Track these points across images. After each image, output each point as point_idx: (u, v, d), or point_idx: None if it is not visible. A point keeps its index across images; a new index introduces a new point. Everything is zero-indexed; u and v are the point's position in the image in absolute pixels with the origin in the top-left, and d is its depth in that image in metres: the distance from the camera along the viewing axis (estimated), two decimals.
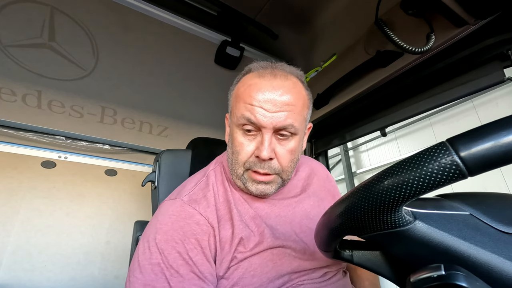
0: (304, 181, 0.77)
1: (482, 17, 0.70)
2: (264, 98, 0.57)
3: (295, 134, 0.60)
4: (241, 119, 0.59)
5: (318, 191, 0.77)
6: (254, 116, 0.57)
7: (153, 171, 1.04)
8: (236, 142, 0.61)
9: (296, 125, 0.59)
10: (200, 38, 1.30)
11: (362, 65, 0.99)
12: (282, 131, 0.58)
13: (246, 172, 0.61)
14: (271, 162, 0.59)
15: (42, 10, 1.09)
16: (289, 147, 0.60)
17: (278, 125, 0.57)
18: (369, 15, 0.87)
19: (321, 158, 1.40)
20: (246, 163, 0.60)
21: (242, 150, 0.60)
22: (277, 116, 0.57)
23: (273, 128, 0.57)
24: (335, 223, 0.34)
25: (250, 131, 0.59)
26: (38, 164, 1.63)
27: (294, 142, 0.61)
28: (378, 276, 0.79)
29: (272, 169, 0.60)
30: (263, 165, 0.59)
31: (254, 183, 0.61)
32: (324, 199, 0.76)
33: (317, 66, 1.46)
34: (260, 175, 0.60)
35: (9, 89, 1.33)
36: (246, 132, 0.60)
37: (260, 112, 0.57)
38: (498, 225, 0.30)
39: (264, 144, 0.57)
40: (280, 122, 0.57)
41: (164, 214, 0.60)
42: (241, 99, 0.61)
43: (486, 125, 0.25)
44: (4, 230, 1.48)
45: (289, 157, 0.61)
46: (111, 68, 1.34)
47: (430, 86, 0.93)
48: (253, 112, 0.57)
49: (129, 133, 1.70)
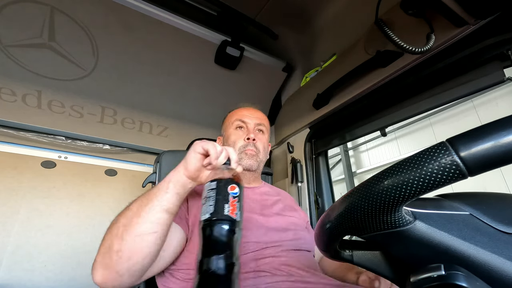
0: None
1: (482, 17, 0.70)
2: (247, 111, 1.00)
3: (265, 133, 0.99)
4: (235, 122, 0.96)
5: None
6: (242, 116, 0.97)
7: (153, 172, 1.04)
8: (232, 137, 0.94)
9: (265, 126, 1.00)
10: (200, 38, 1.30)
11: (362, 65, 0.99)
12: (259, 127, 0.97)
13: (241, 154, 0.90)
14: (255, 143, 0.92)
15: (42, 10, 1.09)
16: (261, 137, 0.96)
17: (257, 121, 0.97)
18: (369, 15, 0.87)
19: (321, 158, 1.40)
20: (242, 146, 0.91)
21: (238, 139, 0.92)
22: (255, 117, 0.99)
23: (254, 124, 0.96)
24: (335, 223, 0.34)
25: (240, 128, 0.96)
26: (38, 164, 1.63)
27: (264, 137, 0.98)
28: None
29: (255, 148, 0.92)
30: (251, 144, 0.91)
31: (246, 157, 0.89)
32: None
33: (317, 66, 1.46)
34: (250, 150, 0.91)
35: (9, 89, 1.33)
36: (238, 129, 0.96)
37: (245, 114, 0.98)
38: (498, 225, 0.30)
39: (252, 129, 0.95)
40: (258, 120, 0.98)
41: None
42: (233, 117, 0.99)
43: (486, 125, 0.25)
44: (4, 230, 1.48)
45: (262, 144, 0.95)
46: (111, 68, 1.34)
47: (430, 86, 0.93)
48: (242, 116, 0.97)
49: (129, 133, 1.70)
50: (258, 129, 0.97)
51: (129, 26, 1.20)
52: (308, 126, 1.37)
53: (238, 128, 0.95)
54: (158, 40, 1.29)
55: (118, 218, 0.57)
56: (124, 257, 0.52)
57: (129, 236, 0.53)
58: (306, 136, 1.39)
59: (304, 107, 1.35)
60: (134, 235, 0.53)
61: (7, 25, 1.10)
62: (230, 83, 1.57)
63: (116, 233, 0.54)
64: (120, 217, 0.57)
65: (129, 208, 0.58)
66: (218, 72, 1.48)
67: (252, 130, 0.94)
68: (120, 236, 0.53)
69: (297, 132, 1.43)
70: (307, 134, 1.39)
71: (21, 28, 1.12)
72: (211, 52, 1.38)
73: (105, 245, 0.55)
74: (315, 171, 1.37)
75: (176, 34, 1.26)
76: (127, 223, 0.55)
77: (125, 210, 0.58)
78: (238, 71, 1.51)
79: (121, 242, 0.53)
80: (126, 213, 0.57)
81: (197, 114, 1.72)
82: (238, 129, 0.95)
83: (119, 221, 0.56)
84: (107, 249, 0.54)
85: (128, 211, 0.57)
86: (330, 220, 0.34)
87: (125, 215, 0.57)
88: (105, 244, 0.55)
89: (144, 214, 0.55)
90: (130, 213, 0.56)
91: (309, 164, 1.36)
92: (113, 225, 0.56)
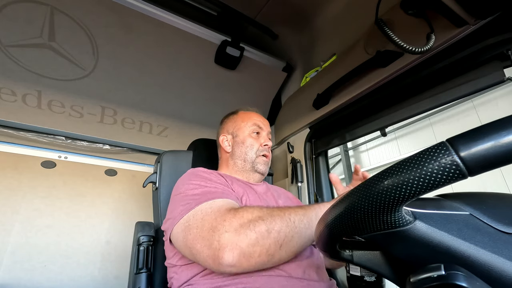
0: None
1: (482, 17, 0.70)
2: (260, 118, 1.06)
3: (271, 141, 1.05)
4: (252, 127, 1.01)
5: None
6: (259, 123, 1.02)
7: (154, 172, 1.04)
8: (249, 140, 0.99)
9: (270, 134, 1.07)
10: (200, 38, 1.30)
11: (362, 65, 0.99)
12: (269, 135, 1.04)
13: (257, 158, 0.96)
14: (269, 149, 1.00)
15: (42, 10, 1.09)
16: (271, 144, 1.02)
17: (269, 130, 1.05)
18: (369, 15, 0.87)
19: (321, 158, 1.40)
20: (258, 151, 0.97)
21: (255, 143, 0.98)
22: (267, 125, 1.05)
23: (267, 131, 1.03)
24: (335, 223, 0.34)
25: (258, 133, 1.01)
26: (38, 164, 1.63)
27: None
28: None
29: (270, 154, 1.00)
30: (268, 151, 0.99)
31: (263, 163, 0.97)
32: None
33: (317, 66, 1.46)
34: (268, 157, 0.99)
35: (9, 89, 1.33)
36: (256, 134, 1.01)
37: (260, 121, 1.03)
38: (498, 225, 0.30)
39: (266, 137, 1.02)
40: (269, 129, 1.06)
41: (188, 171, 0.86)
42: (249, 120, 1.02)
43: (486, 125, 0.25)
44: (4, 230, 1.48)
45: (270, 150, 1.01)
46: (111, 68, 1.34)
47: (430, 86, 0.93)
48: (259, 122, 1.02)
49: (129, 133, 1.70)
50: (269, 137, 1.04)
51: (129, 26, 1.20)
52: (308, 126, 1.37)
53: (255, 133, 1.00)
54: (158, 40, 1.29)
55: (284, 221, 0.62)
56: (271, 259, 0.59)
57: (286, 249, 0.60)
58: (306, 136, 1.39)
59: (304, 107, 1.35)
60: (291, 252, 0.62)
61: (7, 25, 1.10)
62: (230, 83, 1.57)
63: (277, 239, 0.59)
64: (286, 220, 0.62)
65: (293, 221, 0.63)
66: (218, 72, 1.48)
67: (266, 138, 1.01)
68: (280, 245, 0.59)
69: (297, 132, 1.43)
70: (307, 134, 1.39)
71: (21, 28, 1.12)
72: (211, 52, 1.38)
73: (263, 236, 0.58)
74: (315, 171, 1.37)
75: (176, 34, 1.26)
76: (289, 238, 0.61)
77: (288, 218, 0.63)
78: (238, 71, 1.51)
79: (278, 250, 0.59)
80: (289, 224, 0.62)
81: (197, 114, 1.72)
82: (255, 134, 1.00)
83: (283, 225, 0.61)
84: (263, 243, 0.58)
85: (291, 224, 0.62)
86: (330, 220, 0.34)
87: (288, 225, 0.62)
88: (264, 235, 0.59)
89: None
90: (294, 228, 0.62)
91: (309, 164, 1.36)
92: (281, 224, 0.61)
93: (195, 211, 0.65)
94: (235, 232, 0.57)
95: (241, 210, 0.63)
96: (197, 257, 0.61)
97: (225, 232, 0.57)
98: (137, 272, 0.85)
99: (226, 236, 0.57)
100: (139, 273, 0.85)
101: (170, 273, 0.76)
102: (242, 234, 0.57)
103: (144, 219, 1.01)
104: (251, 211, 0.62)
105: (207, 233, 0.59)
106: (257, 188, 0.93)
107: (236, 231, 0.57)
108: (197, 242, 0.60)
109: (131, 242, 0.95)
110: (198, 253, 0.60)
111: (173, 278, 0.74)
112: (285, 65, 1.58)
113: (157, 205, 0.97)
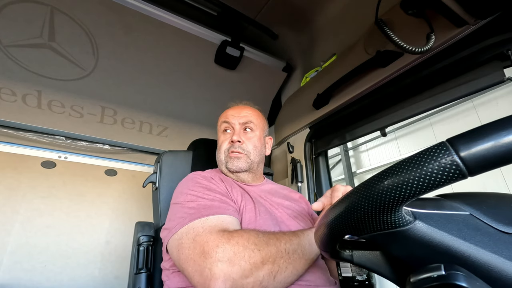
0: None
1: (482, 17, 0.70)
2: (233, 111, 0.97)
3: (255, 130, 0.95)
4: (222, 125, 0.96)
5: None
6: (227, 118, 0.95)
7: (154, 172, 1.04)
8: (219, 140, 0.95)
9: (254, 123, 0.95)
10: (200, 38, 1.30)
11: (362, 65, 0.99)
12: (245, 125, 0.94)
13: (227, 157, 0.91)
14: (241, 144, 0.91)
15: (42, 10, 1.09)
16: (250, 136, 0.93)
17: (242, 120, 0.93)
18: (369, 15, 0.87)
19: (321, 158, 1.40)
20: (225, 150, 0.91)
21: (223, 141, 0.93)
22: (241, 116, 0.94)
23: (239, 124, 0.93)
24: (335, 223, 0.34)
25: (226, 130, 0.95)
26: (38, 164, 1.63)
27: (254, 135, 0.94)
28: None
29: (242, 149, 0.90)
30: (235, 146, 0.90)
31: (231, 160, 0.89)
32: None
33: (317, 66, 1.46)
34: (234, 153, 0.90)
35: (9, 89, 1.33)
36: (225, 132, 0.95)
37: (230, 115, 0.95)
38: (498, 225, 0.30)
39: (239, 130, 0.93)
40: (243, 119, 0.94)
41: (188, 177, 0.83)
42: (220, 119, 0.98)
43: (486, 125, 0.25)
44: (4, 230, 1.48)
45: (252, 144, 0.92)
46: (111, 68, 1.34)
47: (430, 86, 0.93)
48: (227, 117, 0.95)
49: (129, 133, 1.70)
50: (245, 127, 0.94)
51: (129, 26, 1.20)
52: (308, 126, 1.37)
53: (225, 131, 0.95)
54: (158, 40, 1.29)
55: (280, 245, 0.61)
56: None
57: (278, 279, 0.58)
58: (306, 136, 1.39)
59: (304, 107, 1.35)
60: (286, 282, 0.60)
61: (7, 25, 1.10)
62: (230, 83, 1.57)
63: (272, 271, 0.57)
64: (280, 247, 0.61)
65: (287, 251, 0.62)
66: (218, 72, 1.48)
67: (238, 130, 0.92)
68: (274, 276, 0.57)
69: (297, 132, 1.43)
70: (307, 134, 1.39)
71: (21, 28, 1.12)
72: (211, 52, 1.38)
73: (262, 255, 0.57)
74: (315, 171, 1.37)
75: (176, 34, 1.26)
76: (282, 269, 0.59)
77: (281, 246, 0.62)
78: (238, 71, 1.51)
79: (272, 281, 0.57)
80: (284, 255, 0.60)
81: (197, 114, 1.72)
82: (225, 132, 0.94)
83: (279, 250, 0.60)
84: (258, 262, 0.56)
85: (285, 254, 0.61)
86: (330, 220, 0.34)
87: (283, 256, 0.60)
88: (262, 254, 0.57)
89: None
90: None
91: (309, 164, 1.36)
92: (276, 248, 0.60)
93: (188, 228, 0.63)
94: (229, 262, 0.54)
95: (236, 236, 0.59)
96: (188, 278, 0.59)
97: (218, 261, 0.54)
98: (137, 272, 0.86)
99: (219, 266, 0.53)
100: (139, 273, 0.85)
101: (163, 276, 0.76)
102: (236, 265, 0.54)
103: (144, 219, 1.01)
104: (247, 238, 0.59)
105: (198, 258, 0.57)
106: (255, 190, 0.89)
107: (230, 261, 0.54)
108: (188, 265, 0.58)
109: (131, 242, 0.95)
110: (189, 277, 0.58)
111: (165, 282, 0.74)
112: (285, 65, 1.58)
113: (157, 205, 0.97)
